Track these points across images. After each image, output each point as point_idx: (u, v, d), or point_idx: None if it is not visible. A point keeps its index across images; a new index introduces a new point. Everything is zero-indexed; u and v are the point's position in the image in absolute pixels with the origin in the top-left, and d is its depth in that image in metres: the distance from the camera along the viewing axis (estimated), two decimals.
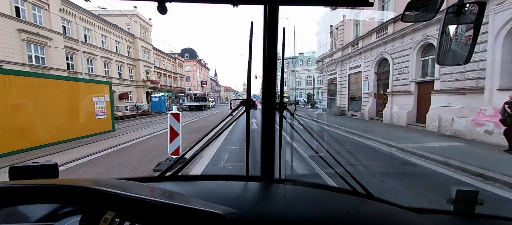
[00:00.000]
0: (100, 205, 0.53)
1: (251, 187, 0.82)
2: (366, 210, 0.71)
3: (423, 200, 2.89)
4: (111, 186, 0.57)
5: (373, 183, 3.37)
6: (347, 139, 7.50)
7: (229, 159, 4.85)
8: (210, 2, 0.49)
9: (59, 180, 0.63)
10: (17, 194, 0.56)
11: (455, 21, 0.65)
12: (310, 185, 0.84)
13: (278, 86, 0.89)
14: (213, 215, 0.44)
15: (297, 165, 4.09)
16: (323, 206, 0.70)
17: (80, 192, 0.55)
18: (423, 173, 4.11)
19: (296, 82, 58.42)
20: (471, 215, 0.70)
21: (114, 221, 0.49)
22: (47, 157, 5.58)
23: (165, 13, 0.48)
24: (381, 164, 4.55)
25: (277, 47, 0.85)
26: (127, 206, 0.51)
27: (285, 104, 0.99)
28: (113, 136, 8.74)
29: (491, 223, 0.70)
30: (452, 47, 0.68)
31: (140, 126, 12.03)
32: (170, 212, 0.47)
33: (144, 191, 0.59)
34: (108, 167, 4.54)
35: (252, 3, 0.53)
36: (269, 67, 0.84)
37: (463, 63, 0.69)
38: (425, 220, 0.67)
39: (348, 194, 0.80)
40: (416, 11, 0.67)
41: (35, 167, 0.68)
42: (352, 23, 15.85)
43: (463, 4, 0.63)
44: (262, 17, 0.80)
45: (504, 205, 2.83)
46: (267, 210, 0.65)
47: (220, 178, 0.90)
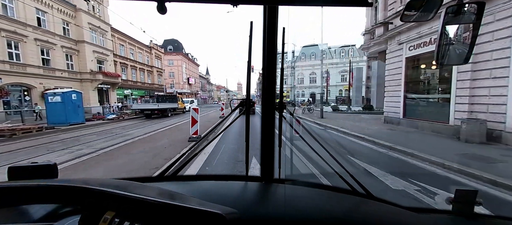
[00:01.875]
0: (100, 205, 0.52)
1: (251, 186, 0.82)
2: (366, 210, 0.71)
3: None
4: (111, 186, 0.57)
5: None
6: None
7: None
8: (209, 2, 0.49)
9: (58, 180, 0.62)
10: (16, 194, 0.56)
11: (455, 21, 0.65)
12: (310, 184, 0.84)
13: (277, 86, 0.88)
14: (212, 215, 0.43)
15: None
16: (322, 206, 0.70)
17: (79, 192, 0.55)
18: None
19: (298, 80, 50.69)
20: (470, 215, 0.69)
21: (113, 221, 0.49)
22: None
23: (165, 13, 0.48)
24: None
25: (277, 47, 0.84)
26: (126, 206, 0.51)
27: (285, 104, 0.97)
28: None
29: (490, 222, 0.71)
30: (451, 47, 0.69)
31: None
32: (169, 212, 0.47)
33: (143, 191, 0.58)
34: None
35: (251, 3, 0.53)
36: (268, 67, 0.84)
37: (462, 63, 0.71)
38: (424, 220, 0.67)
39: (347, 193, 0.80)
40: (415, 11, 0.67)
41: (34, 167, 0.67)
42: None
43: (463, 4, 0.63)
44: (262, 17, 0.80)
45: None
46: (266, 210, 0.65)
47: (220, 177, 0.89)
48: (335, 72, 47.30)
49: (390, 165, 4.44)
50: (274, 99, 0.86)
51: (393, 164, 4.50)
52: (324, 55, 48.46)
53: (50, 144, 7.11)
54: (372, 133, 7.61)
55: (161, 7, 0.47)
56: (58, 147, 6.53)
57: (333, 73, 47.26)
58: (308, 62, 49.32)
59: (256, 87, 58.95)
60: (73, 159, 5.10)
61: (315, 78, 48.44)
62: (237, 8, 0.55)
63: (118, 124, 12.86)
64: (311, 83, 49.19)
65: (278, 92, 0.89)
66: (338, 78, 47.05)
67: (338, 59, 46.93)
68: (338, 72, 46.99)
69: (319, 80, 48.92)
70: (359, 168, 4.12)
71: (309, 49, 50.19)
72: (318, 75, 48.50)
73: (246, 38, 0.91)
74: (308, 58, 50.35)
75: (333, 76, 47.24)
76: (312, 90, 48.96)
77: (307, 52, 49.57)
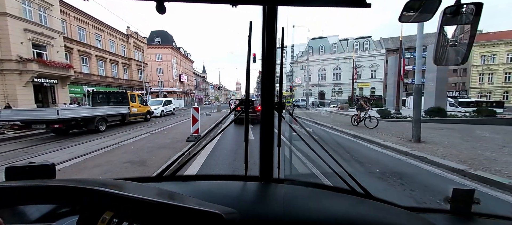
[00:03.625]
0: (98, 205, 0.52)
1: (250, 186, 0.81)
2: (365, 210, 0.70)
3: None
4: (109, 186, 0.56)
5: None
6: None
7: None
8: (209, 2, 0.49)
9: (56, 180, 0.61)
10: (13, 194, 0.55)
11: (453, 22, 0.65)
12: (309, 184, 0.84)
13: (277, 86, 0.86)
14: (211, 215, 0.43)
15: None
16: (321, 205, 0.69)
17: (77, 192, 0.54)
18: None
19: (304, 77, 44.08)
20: (467, 214, 0.69)
21: (112, 221, 0.48)
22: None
23: (164, 13, 0.48)
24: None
25: (276, 47, 0.82)
26: (125, 206, 0.51)
27: (284, 104, 0.95)
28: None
29: (487, 222, 0.70)
30: (449, 48, 0.69)
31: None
32: (168, 212, 0.47)
33: (142, 191, 0.58)
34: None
35: (250, 3, 0.53)
36: (268, 67, 0.83)
37: (460, 64, 0.70)
38: (422, 219, 0.67)
39: (346, 193, 0.79)
40: (414, 11, 0.67)
41: (31, 167, 0.66)
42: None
43: (461, 5, 0.63)
44: (261, 17, 0.79)
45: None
46: (265, 210, 0.65)
47: (219, 177, 0.89)
48: (348, 68, 40.93)
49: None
50: (274, 99, 0.87)
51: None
52: (335, 48, 42.18)
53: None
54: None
55: (161, 7, 0.47)
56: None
57: (345, 69, 40.89)
58: (316, 56, 42.85)
59: (256, 86, 53.42)
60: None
61: (324, 75, 41.99)
62: (237, 8, 0.54)
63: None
64: (320, 81, 42.68)
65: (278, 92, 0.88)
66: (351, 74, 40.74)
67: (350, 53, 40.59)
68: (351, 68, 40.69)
69: (329, 77, 42.51)
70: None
71: (318, 42, 43.71)
72: (328, 71, 42.11)
73: (246, 38, 0.90)
74: (316, 52, 43.86)
75: (346, 72, 40.88)
76: (321, 89, 42.57)
77: (315, 46, 43.05)
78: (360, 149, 5.36)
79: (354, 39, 41.64)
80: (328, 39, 42.32)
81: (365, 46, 40.23)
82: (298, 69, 43.78)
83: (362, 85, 40.05)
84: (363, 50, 40.30)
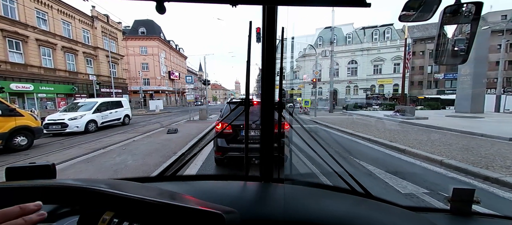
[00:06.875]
0: (98, 206, 0.52)
1: (250, 186, 0.81)
2: (365, 209, 0.70)
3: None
4: (109, 186, 0.56)
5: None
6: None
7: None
8: (208, 2, 0.48)
9: (56, 181, 0.61)
10: (13, 194, 0.54)
11: (453, 21, 0.64)
12: (309, 184, 0.83)
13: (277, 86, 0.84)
14: (212, 214, 0.43)
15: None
16: (322, 205, 0.69)
17: (77, 193, 0.54)
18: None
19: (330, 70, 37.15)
20: (467, 213, 0.69)
21: (112, 222, 0.48)
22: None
23: (164, 13, 0.47)
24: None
25: (276, 46, 0.80)
26: (125, 206, 0.51)
27: (284, 103, 0.95)
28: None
29: (488, 221, 0.69)
30: (449, 47, 0.68)
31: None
32: (168, 212, 0.47)
33: (142, 191, 0.58)
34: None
35: (250, 3, 0.53)
36: (268, 67, 0.82)
37: (460, 63, 0.69)
38: (422, 219, 0.66)
39: (346, 193, 0.79)
40: (413, 11, 0.66)
41: (32, 167, 0.66)
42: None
43: (461, 4, 0.62)
44: (261, 17, 0.78)
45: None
46: (266, 210, 0.64)
47: (219, 177, 0.89)
48: (366, 61, 34.74)
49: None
50: (274, 99, 0.86)
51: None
52: (349, 39, 35.95)
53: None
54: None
55: (160, 7, 0.46)
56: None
57: (362, 61, 34.66)
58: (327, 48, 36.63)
59: (255, 84, 48.38)
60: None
61: (337, 70, 35.71)
62: (236, 8, 0.54)
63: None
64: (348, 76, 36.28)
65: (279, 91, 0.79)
66: (371, 69, 34.55)
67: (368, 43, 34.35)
68: (369, 61, 34.51)
69: (343, 73, 36.29)
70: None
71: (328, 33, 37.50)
72: (342, 65, 35.90)
73: (246, 37, 0.91)
74: (327, 44, 37.53)
75: (363, 66, 34.64)
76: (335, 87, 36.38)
77: (325, 37, 36.81)
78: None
79: (371, 27, 35.34)
80: (342, 29, 36.06)
81: (387, 35, 33.99)
82: (306, 63, 37.43)
83: (383, 82, 33.78)
84: (384, 40, 34.02)
